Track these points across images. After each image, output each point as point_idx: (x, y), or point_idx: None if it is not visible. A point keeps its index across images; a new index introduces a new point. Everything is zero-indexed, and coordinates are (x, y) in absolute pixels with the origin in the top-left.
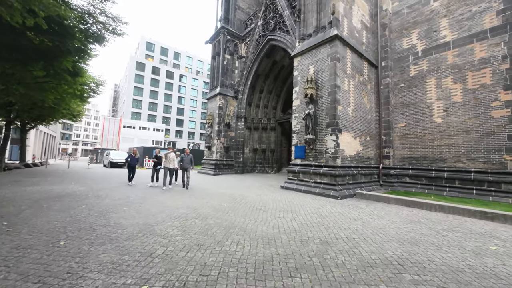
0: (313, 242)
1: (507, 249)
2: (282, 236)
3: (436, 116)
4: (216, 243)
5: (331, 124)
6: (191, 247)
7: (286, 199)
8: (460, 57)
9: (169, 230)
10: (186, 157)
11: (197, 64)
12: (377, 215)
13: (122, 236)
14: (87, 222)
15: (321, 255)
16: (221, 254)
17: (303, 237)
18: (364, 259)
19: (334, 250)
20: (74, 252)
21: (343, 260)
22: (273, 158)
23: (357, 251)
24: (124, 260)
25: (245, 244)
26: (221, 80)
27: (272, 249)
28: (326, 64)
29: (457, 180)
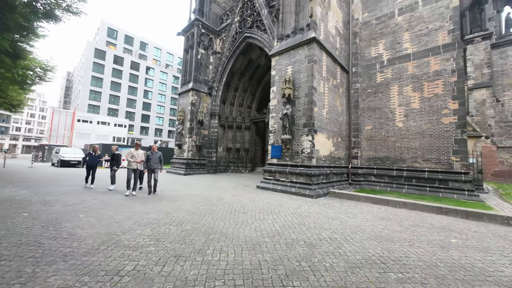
0: (299, 244)
1: (464, 241)
2: (267, 240)
3: (398, 121)
4: (196, 253)
5: (308, 125)
6: (167, 259)
7: (264, 199)
8: (418, 68)
9: (139, 240)
10: (153, 156)
11: (167, 57)
12: (352, 214)
13: (79, 251)
14: (31, 235)
15: (308, 258)
16: (203, 266)
17: (288, 240)
18: (350, 260)
19: (320, 252)
20: (12, 276)
21: (331, 263)
22: (247, 157)
23: (341, 251)
24: (83, 283)
25: (229, 252)
26: (194, 75)
27: (259, 255)
28: (303, 66)
29: (414, 179)
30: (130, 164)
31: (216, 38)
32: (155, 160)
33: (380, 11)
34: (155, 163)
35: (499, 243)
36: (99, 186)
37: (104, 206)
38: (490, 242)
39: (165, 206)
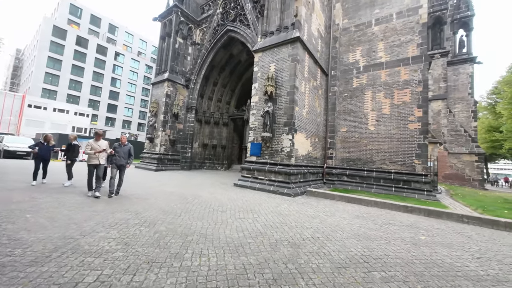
0: (283, 245)
1: (431, 238)
2: (249, 241)
3: (370, 124)
4: (173, 257)
5: (288, 124)
6: (139, 267)
7: (243, 197)
8: (390, 77)
9: (103, 244)
10: (121, 149)
11: (139, 44)
12: (330, 212)
13: (23, 260)
14: None
15: (294, 260)
16: (182, 272)
17: (271, 240)
18: (335, 260)
19: (305, 253)
20: None
21: (317, 264)
22: (224, 154)
23: (325, 251)
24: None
25: (210, 255)
26: (170, 64)
27: (243, 258)
28: (286, 64)
29: (382, 179)
30: (90, 158)
31: (196, 28)
32: (123, 154)
33: (359, 19)
34: (122, 157)
35: (459, 239)
36: (53, 181)
37: (59, 204)
38: (452, 238)
39: (134, 205)
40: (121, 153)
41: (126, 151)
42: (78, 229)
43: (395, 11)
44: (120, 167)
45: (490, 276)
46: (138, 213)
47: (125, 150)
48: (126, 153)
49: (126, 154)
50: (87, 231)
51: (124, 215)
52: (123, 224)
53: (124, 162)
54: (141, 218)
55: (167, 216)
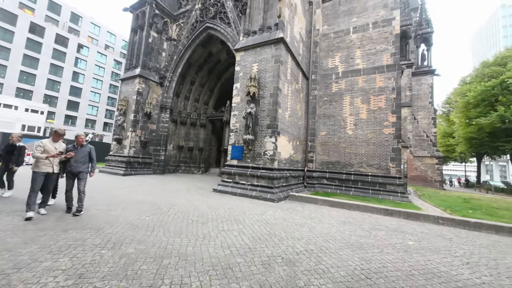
0: (277, 263)
1: (418, 243)
2: (239, 260)
3: (348, 129)
4: None
5: (271, 126)
6: None
7: (224, 205)
8: (367, 83)
9: (46, 281)
10: (78, 151)
11: (107, 37)
12: (316, 218)
13: None
14: None
15: (293, 282)
16: None
17: (263, 258)
18: (336, 278)
19: (303, 272)
20: None
21: (319, 285)
22: (201, 157)
23: (324, 267)
24: None
25: (193, 284)
26: (143, 60)
27: (234, 285)
28: (270, 65)
29: (360, 182)
30: (40, 164)
31: (172, 23)
32: (81, 158)
33: (338, 26)
34: (80, 162)
35: (443, 243)
36: None
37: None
38: (436, 242)
39: (95, 219)
40: (78, 157)
41: (85, 154)
42: (13, 258)
43: (371, 21)
44: (78, 175)
45: (486, 284)
46: (100, 230)
47: (83, 153)
48: (86, 157)
49: (86, 158)
50: (25, 261)
51: (80, 234)
52: (78, 247)
53: (83, 169)
54: (103, 237)
55: (137, 233)
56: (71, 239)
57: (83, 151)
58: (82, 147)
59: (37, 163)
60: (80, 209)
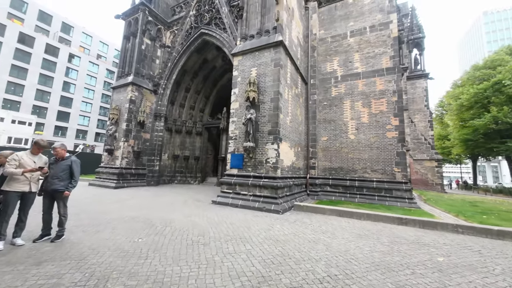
0: None
1: (448, 258)
2: None
3: (350, 133)
4: None
5: (273, 132)
6: None
7: (226, 219)
8: (367, 86)
9: None
10: (56, 165)
11: (99, 46)
12: (329, 232)
13: None
14: None
15: None
16: None
17: None
18: None
19: None
20: None
21: None
22: (198, 166)
23: None
24: None
25: None
26: (136, 67)
27: None
28: (269, 69)
29: (365, 188)
30: (14, 182)
31: (166, 30)
32: (59, 174)
33: (335, 30)
34: (56, 178)
35: (474, 257)
36: None
37: None
38: (466, 256)
39: (78, 244)
40: (56, 172)
41: (65, 169)
42: None
43: (368, 24)
44: (54, 194)
45: None
46: (83, 260)
47: (62, 167)
48: (65, 172)
49: (65, 174)
50: None
51: (57, 268)
52: (51, 286)
53: (60, 186)
54: (85, 270)
55: (127, 262)
56: (45, 275)
57: (62, 165)
58: (62, 160)
59: (10, 181)
60: (60, 233)
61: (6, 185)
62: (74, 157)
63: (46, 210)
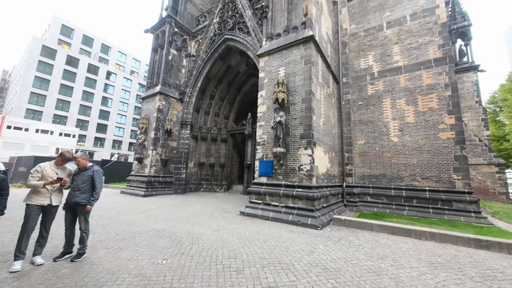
0: None
1: None
2: None
3: (392, 135)
4: None
5: (306, 136)
6: None
7: (258, 235)
8: (410, 81)
9: None
10: (79, 176)
11: (132, 63)
12: (389, 258)
13: None
14: None
15: None
16: None
17: None
18: None
19: None
20: None
21: None
22: (223, 174)
23: None
24: None
25: None
26: (163, 77)
27: None
28: (299, 67)
29: (415, 199)
30: (35, 195)
31: (191, 40)
32: (80, 185)
33: (368, 23)
34: (77, 190)
35: None
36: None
37: None
38: None
39: (96, 267)
40: (77, 183)
41: (86, 180)
42: None
43: (408, 13)
44: (76, 207)
45: None
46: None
47: (84, 178)
48: (87, 184)
49: (87, 185)
50: None
51: None
52: None
53: (81, 199)
54: None
55: None
56: None
57: (84, 175)
58: (85, 171)
59: (31, 193)
60: (81, 251)
61: (27, 198)
62: (97, 166)
63: (68, 225)
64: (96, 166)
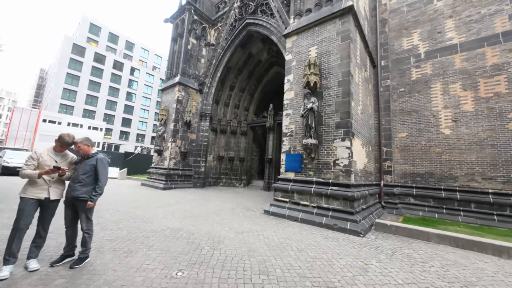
0: None
1: None
2: None
3: (443, 127)
4: None
5: (343, 125)
6: None
7: (289, 241)
8: (469, 62)
9: None
10: (80, 165)
11: (154, 59)
12: (479, 287)
13: None
14: None
15: None
16: None
17: None
18: None
19: None
20: None
21: None
22: (242, 168)
23: None
24: None
25: None
26: (182, 67)
27: None
28: (335, 45)
29: (473, 203)
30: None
31: (210, 28)
32: (80, 176)
33: None
34: (79, 182)
35: None
36: None
37: None
38: None
39: (98, 278)
40: (78, 173)
41: (88, 170)
42: None
43: None
44: (76, 203)
45: None
46: None
47: (86, 168)
48: (89, 175)
49: (89, 177)
50: None
51: None
52: None
53: (81, 193)
54: None
55: None
56: None
57: (86, 165)
58: (88, 159)
59: (26, 185)
60: (83, 256)
61: (22, 191)
62: (101, 154)
63: (68, 223)
64: (101, 153)
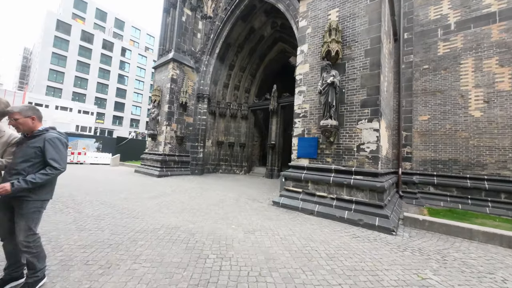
0: None
1: None
2: None
3: (473, 109)
4: None
5: (371, 103)
6: None
7: (315, 245)
8: (509, 33)
9: None
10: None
11: (147, 39)
12: None
13: None
14: None
15: None
16: None
17: None
18: None
19: None
20: None
21: None
22: (243, 154)
23: None
24: None
25: None
26: (176, 41)
27: None
28: (362, 6)
29: (504, 193)
30: None
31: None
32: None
33: None
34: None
35: None
36: None
37: None
38: None
39: None
40: (16, 160)
41: (30, 155)
42: None
43: None
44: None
45: None
46: None
47: (28, 151)
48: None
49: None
50: None
51: None
52: None
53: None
54: None
55: None
56: None
57: (29, 147)
58: (31, 139)
59: None
60: (33, 279)
61: None
62: (54, 132)
63: (5, 234)
64: (53, 131)
